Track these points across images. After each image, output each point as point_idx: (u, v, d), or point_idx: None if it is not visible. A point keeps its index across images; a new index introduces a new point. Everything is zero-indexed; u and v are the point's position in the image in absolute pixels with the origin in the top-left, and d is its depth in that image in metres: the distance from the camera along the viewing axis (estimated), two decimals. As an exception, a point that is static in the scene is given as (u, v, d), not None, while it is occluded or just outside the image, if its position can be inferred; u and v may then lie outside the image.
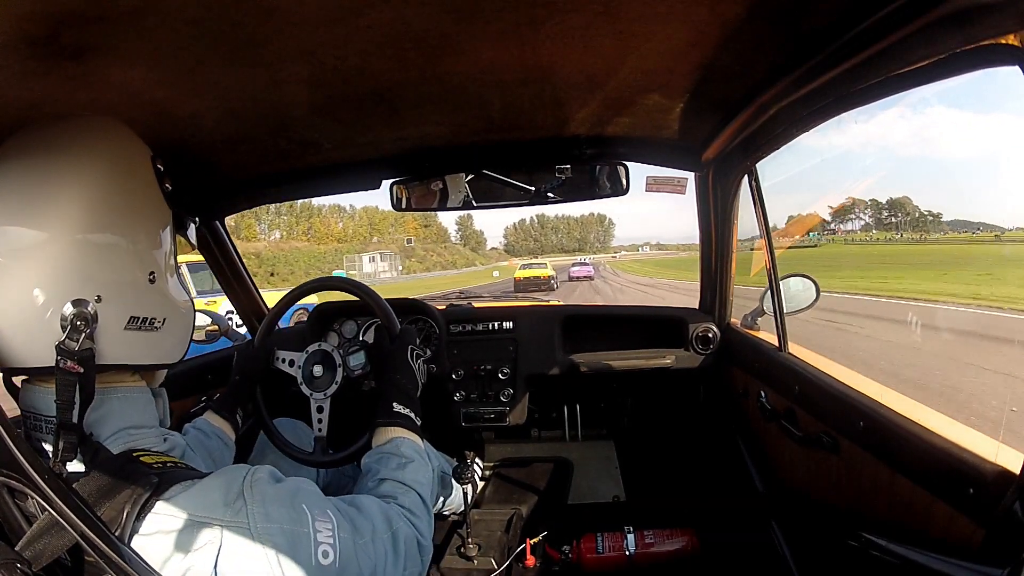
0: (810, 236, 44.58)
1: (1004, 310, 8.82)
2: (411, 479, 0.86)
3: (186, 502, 0.59)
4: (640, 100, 1.10)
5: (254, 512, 0.61)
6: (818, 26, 0.74)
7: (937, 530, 0.72)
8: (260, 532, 0.60)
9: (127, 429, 0.67)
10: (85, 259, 0.62)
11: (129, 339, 0.67)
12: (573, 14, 0.72)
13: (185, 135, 1.05)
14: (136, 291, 0.67)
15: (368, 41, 0.76)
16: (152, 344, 0.70)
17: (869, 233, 51.96)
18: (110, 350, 0.64)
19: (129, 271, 0.67)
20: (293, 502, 0.65)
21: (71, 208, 0.62)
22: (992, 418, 3.61)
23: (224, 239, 1.66)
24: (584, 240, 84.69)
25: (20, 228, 0.60)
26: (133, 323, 0.67)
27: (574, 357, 1.70)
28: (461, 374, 1.73)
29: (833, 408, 1.00)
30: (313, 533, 0.65)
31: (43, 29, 0.60)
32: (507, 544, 1.41)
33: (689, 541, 1.40)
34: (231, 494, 0.61)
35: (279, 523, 0.62)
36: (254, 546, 0.59)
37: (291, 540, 0.62)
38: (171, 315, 0.72)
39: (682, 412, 1.83)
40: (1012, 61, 0.54)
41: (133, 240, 0.68)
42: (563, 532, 1.46)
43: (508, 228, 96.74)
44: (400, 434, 0.92)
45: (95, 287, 0.62)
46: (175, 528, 0.57)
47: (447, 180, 1.45)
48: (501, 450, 1.94)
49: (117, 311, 0.65)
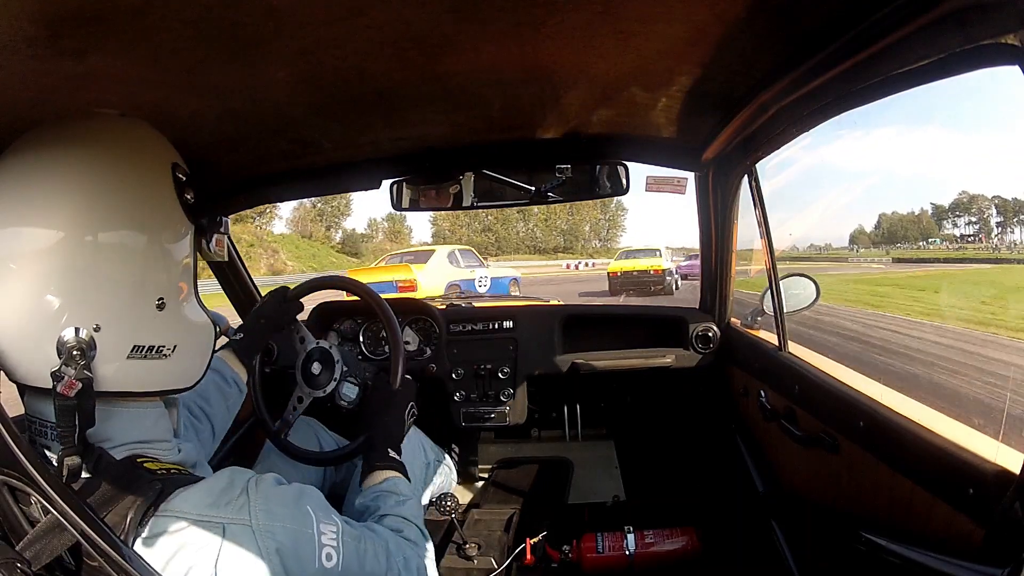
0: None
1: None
2: (411, 514, 0.88)
3: (188, 503, 0.58)
4: (640, 100, 1.10)
5: (257, 509, 0.60)
6: (818, 25, 0.74)
7: (937, 530, 0.72)
8: (263, 529, 0.59)
9: (135, 443, 0.64)
10: (82, 282, 0.57)
11: (133, 367, 0.62)
12: (573, 14, 0.72)
13: (185, 135, 1.05)
14: (141, 319, 0.62)
15: (368, 41, 0.76)
16: (160, 371, 0.65)
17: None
18: (111, 378, 0.60)
19: (133, 298, 0.61)
20: (298, 502, 0.65)
21: (64, 222, 0.57)
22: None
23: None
24: (575, 234, 50.49)
25: (11, 241, 0.55)
26: (137, 352, 0.61)
27: (574, 357, 1.70)
28: (461, 374, 1.73)
29: (833, 408, 1.00)
30: (317, 535, 0.64)
31: (43, 29, 0.60)
32: (507, 544, 1.41)
33: (689, 541, 1.40)
34: (234, 491, 0.61)
35: (282, 521, 0.62)
36: (256, 544, 0.59)
37: (294, 539, 0.62)
38: (184, 340, 0.67)
39: (682, 412, 1.83)
40: (1012, 61, 0.54)
41: (141, 263, 0.62)
42: (563, 532, 1.46)
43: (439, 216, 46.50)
44: (395, 475, 0.95)
45: (93, 314, 0.57)
46: (177, 529, 0.57)
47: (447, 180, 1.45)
48: (501, 450, 1.94)
49: (118, 340, 0.60)
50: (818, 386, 1.07)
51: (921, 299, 9.83)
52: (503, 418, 1.72)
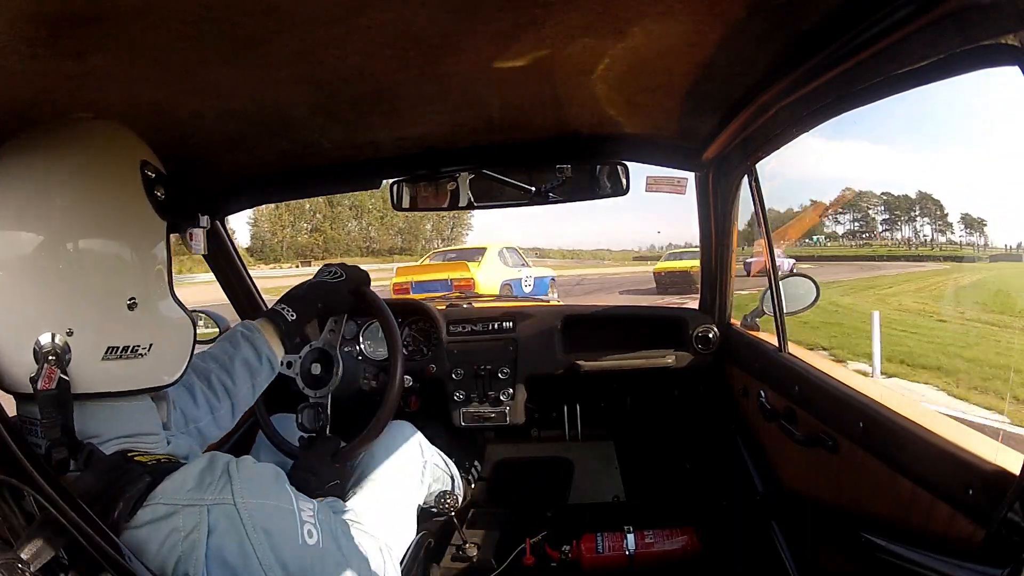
0: (814, 240, 38.16)
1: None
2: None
3: (172, 489, 0.59)
4: (640, 100, 1.10)
5: (238, 488, 0.61)
6: (818, 26, 0.74)
7: (937, 530, 0.72)
8: (245, 507, 0.60)
9: (124, 438, 0.65)
10: (51, 289, 0.58)
11: (109, 368, 0.62)
12: (573, 14, 0.72)
13: (185, 135, 1.05)
14: (112, 320, 0.62)
15: (368, 41, 0.76)
16: (138, 370, 0.65)
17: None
18: (87, 381, 0.61)
19: (103, 299, 0.62)
20: (277, 480, 0.67)
21: (31, 228, 0.58)
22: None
23: (224, 238, 1.66)
24: (415, 233, 40.55)
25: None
26: (112, 353, 0.62)
27: (574, 357, 1.70)
28: (461, 374, 1.73)
29: (833, 408, 1.00)
30: (298, 511, 0.66)
31: (43, 29, 0.60)
32: (507, 544, 1.41)
33: (689, 541, 1.40)
34: (215, 473, 0.62)
35: (264, 499, 0.63)
36: (241, 522, 0.60)
37: (278, 516, 0.63)
38: (160, 338, 0.67)
39: (682, 412, 1.83)
40: (1012, 61, 0.54)
41: (109, 264, 0.62)
42: (563, 532, 1.46)
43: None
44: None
45: (64, 319, 0.59)
46: (164, 515, 0.58)
47: (447, 180, 1.45)
48: (501, 450, 1.94)
49: (91, 343, 0.60)
50: (818, 386, 1.07)
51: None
52: (503, 418, 1.71)
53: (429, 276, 7.52)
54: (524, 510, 1.62)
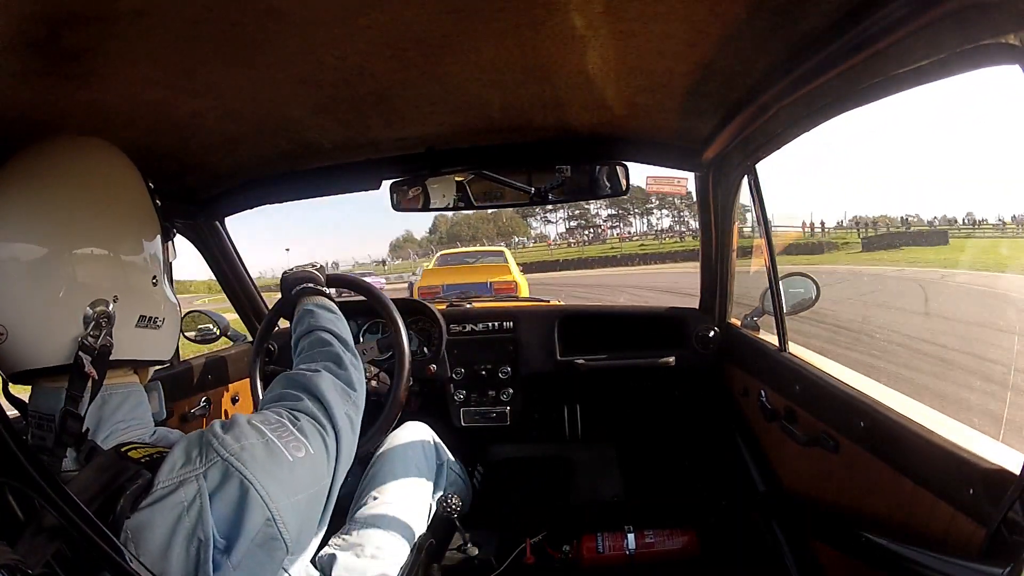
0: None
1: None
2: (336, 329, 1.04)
3: (167, 474, 0.61)
4: (640, 100, 1.10)
5: (222, 445, 0.63)
6: (818, 26, 0.74)
7: (937, 530, 0.72)
8: (234, 457, 0.62)
9: (121, 421, 0.71)
10: (103, 266, 0.69)
11: (138, 336, 0.73)
12: (573, 14, 0.72)
13: (185, 135, 1.05)
14: (144, 292, 0.74)
15: (368, 41, 0.76)
16: (154, 341, 0.76)
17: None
18: (123, 346, 0.70)
19: (137, 275, 0.74)
20: (250, 422, 0.69)
21: (90, 223, 0.69)
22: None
23: (224, 239, 1.66)
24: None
25: (41, 245, 0.67)
26: (142, 321, 0.73)
27: (574, 357, 1.70)
28: (461, 374, 1.73)
29: (833, 408, 1.00)
30: (276, 438, 0.68)
31: (43, 30, 0.60)
32: (508, 544, 1.41)
33: (689, 541, 1.40)
34: (199, 445, 0.64)
35: (244, 440, 0.64)
36: (235, 472, 0.61)
37: (262, 451, 0.65)
38: (168, 315, 0.79)
39: (682, 412, 1.83)
40: (1012, 61, 0.54)
41: (138, 249, 0.75)
42: (563, 532, 1.46)
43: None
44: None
45: (112, 289, 0.69)
46: (161, 500, 0.59)
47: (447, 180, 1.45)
48: (501, 450, 1.94)
49: (130, 310, 0.71)
50: (818, 386, 1.07)
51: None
52: (503, 418, 1.71)
53: (467, 279, 7.09)
54: (524, 510, 1.62)
